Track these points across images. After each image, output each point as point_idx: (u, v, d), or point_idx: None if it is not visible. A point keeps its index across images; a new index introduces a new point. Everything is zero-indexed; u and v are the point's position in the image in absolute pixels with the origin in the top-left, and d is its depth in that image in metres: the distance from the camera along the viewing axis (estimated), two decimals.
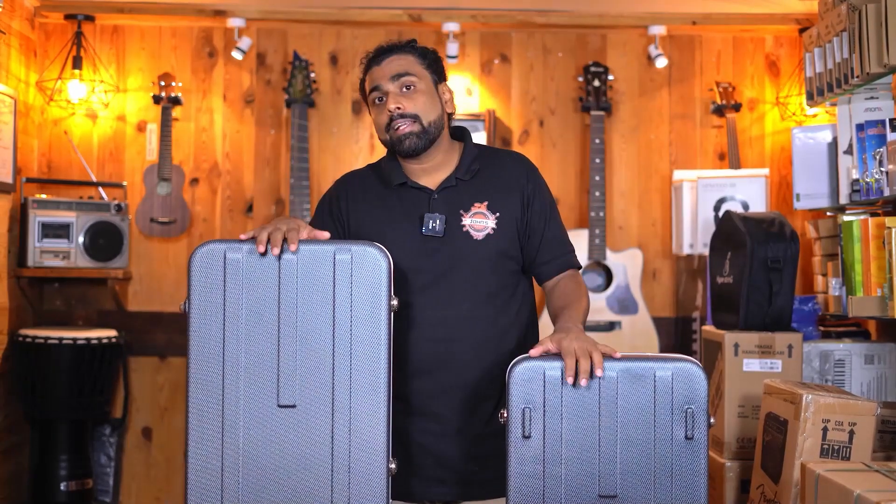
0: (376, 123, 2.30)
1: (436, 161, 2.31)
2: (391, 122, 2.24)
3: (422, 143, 2.25)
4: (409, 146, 2.24)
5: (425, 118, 2.25)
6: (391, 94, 2.25)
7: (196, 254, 1.98)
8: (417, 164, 2.30)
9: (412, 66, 2.28)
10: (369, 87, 2.29)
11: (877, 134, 3.27)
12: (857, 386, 3.45)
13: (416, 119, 2.24)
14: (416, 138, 2.24)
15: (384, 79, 2.26)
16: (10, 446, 4.27)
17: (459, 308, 2.24)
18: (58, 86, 4.52)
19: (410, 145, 2.24)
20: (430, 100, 2.27)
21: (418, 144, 2.24)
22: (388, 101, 2.24)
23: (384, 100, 2.26)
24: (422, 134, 2.24)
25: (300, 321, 1.96)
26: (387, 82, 2.25)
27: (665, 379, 1.91)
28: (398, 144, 2.25)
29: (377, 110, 2.28)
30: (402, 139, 2.23)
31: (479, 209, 2.27)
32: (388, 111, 2.24)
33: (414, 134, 2.24)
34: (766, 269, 3.35)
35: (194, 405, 1.95)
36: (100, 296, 4.62)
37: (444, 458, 2.23)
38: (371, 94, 2.29)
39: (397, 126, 2.23)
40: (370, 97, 2.30)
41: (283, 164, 4.67)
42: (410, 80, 2.26)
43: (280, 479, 1.95)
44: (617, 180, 4.72)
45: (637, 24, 4.64)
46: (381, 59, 2.28)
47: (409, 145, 2.24)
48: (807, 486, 2.40)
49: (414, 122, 2.24)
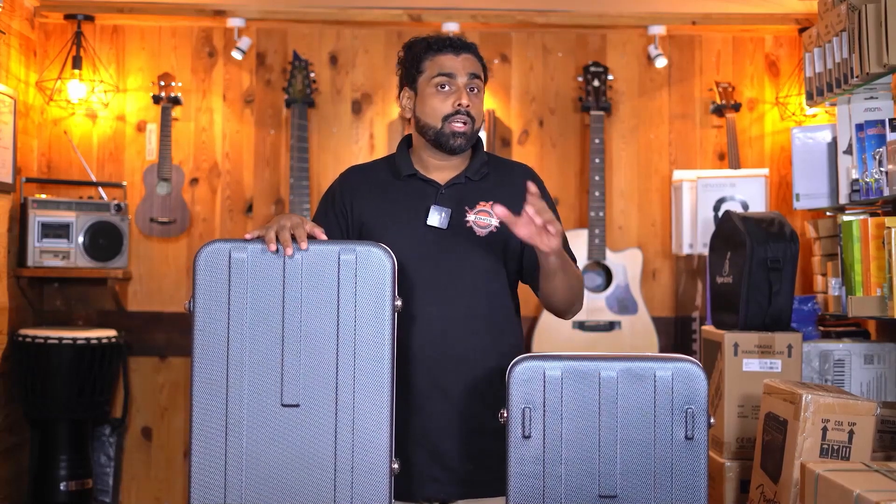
0: (432, 108, 2.29)
1: (452, 161, 2.35)
2: (455, 114, 2.27)
3: (467, 145, 2.31)
4: (459, 144, 2.28)
5: (477, 124, 2.32)
6: (463, 89, 2.27)
7: (201, 253, 1.99)
8: (435, 160, 2.33)
9: (480, 70, 2.34)
10: (437, 71, 2.29)
11: (876, 134, 3.27)
12: (857, 386, 3.45)
13: (472, 122, 2.29)
14: (467, 140, 2.29)
15: (461, 72, 2.29)
16: (10, 446, 4.27)
17: (459, 304, 2.25)
18: (58, 86, 4.52)
19: (461, 144, 2.28)
20: (482, 108, 2.34)
21: (465, 145, 2.30)
22: (462, 96, 2.26)
23: (450, 89, 2.28)
24: (471, 137, 2.30)
25: (304, 321, 1.97)
26: (462, 76, 2.29)
27: (665, 379, 1.91)
28: (450, 137, 2.27)
29: (438, 96, 2.29)
30: (458, 135, 2.27)
31: (483, 207, 2.30)
32: (459, 104, 2.26)
33: (466, 135, 2.28)
34: (765, 269, 3.35)
35: (198, 404, 1.96)
36: (100, 296, 4.62)
37: (442, 457, 2.23)
38: (437, 78, 2.29)
39: (458, 121, 2.27)
40: (434, 80, 2.29)
41: (283, 163, 4.67)
42: (479, 83, 2.32)
43: (283, 477, 1.95)
44: (617, 180, 4.72)
45: (637, 24, 4.65)
46: (459, 52, 2.31)
47: (460, 143, 2.28)
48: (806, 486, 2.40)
49: (471, 123, 2.29)
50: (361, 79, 4.72)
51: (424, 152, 2.34)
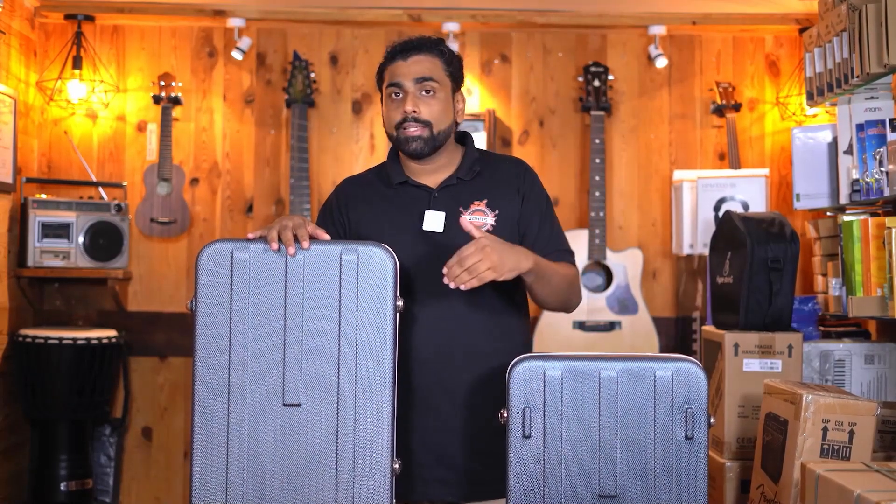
0: (387, 118, 2.30)
1: (438, 163, 2.34)
2: (403, 121, 2.26)
3: (427, 149, 2.27)
4: (414, 148, 2.26)
5: (437, 126, 2.28)
6: (410, 95, 2.26)
7: (203, 253, 1.99)
8: (420, 165, 2.33)
9: (436, 70, 2.29)
10: (388, 81, 2.30)
11: (877, 134, 3.27)
12: (857, 386, 3.45)
13: (427, 125, 2.26)
14: (423, 143, 2.26)
15: (406, 77, 2.27)
16: (10, 446, 4.27)
17: (459, 305, 2.24)
18: (58, 86, 4.52)
19: (417, 148, 2.26)
20: (445, 108, 2.30)
21: (424, 149, 2.27)
22: (406, 102, 2.25)
23: (401, 97, 2.27)
24: (429, 140, 2.27)
25: (306, 321, 1.97)
26: (408, 82, 2.27)
27: (665, 379, 1.91)
28: (404, 144, 2.27)
29: (392, 105, 2.29)
30: (410, 141, 2.26)
31: (478, 206, 2.29)
32: (404, 111, 2.25)
33: (422, 139, 2.26)
34: (766, 269, 3.35)
35: (200, 403, 1.96)
36: (100, 296, 4.62)
37: (446, 458, 2.23)
38: (388, 88, 2.29)
39: (408, 128, 2.25)
40: (387, 90, 2.30)
41: (283, 164, 4.67)
42: (432, 85, 2.28)
43: (284, 477, 1.95)
44: (617, 180, 4.72)
45: (637, 24, 4.65)
46: (408, 56, 2.28)
47: (415, 147, 2.26)
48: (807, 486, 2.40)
49: (425, 127, 2.26)
50: (361, 79, 4.72)
51: (405, 161, 2.35)
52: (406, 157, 2.33)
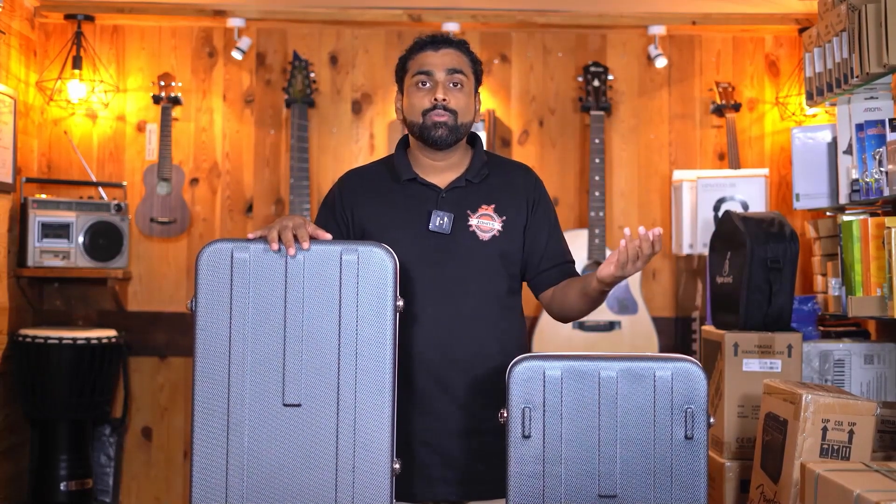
0: (412, 105, 2.31)
1: (450, 161, 2.34)
2: (433, 108, 2.27)
3: (451, 138, 2.29)
4: (440, 135, 2.28)
5: (461, 118, 2.30)
6: (441, 84, 2.28)
7: (203, 252, 1.99)
8: (432, 160, 2.33)
9: (465, 65, 2.34)
10: (416, 69, 2.32)
11: (876, 134, 3.27)
12: (857, 386, 3.45)
13: (454, 115, 2.28)
14: (448, 131, 2.28)
15: (438, 67, 2.30)
16: (10, 446, 4.27)
17: (462, 306, 2.25)
18: (58, 86, 4.52)
19: (442, 135, 2.28)
20: (470, 102, 2.33)
21: (448, 137, 2.29)
22: (438, 90, 2.27)
23: (430, 85, 2.29)
24: (454, 129, 2.29)
25: (306, 321, 1.97)
26: (440, 72, 2.29)
27: (665, 379, 1.91)
28: (431, 129, 2.28)
29: (418, 94, 2.30)
30: (437, 126, 2.27)
31: (486, 211, 2.30)
32: (435, 99, 2.27)
33: (448, 126, 2.28)
34: (765, 269, 3.35)
35: (200, 403, 1.96)
36: (100, 296, 4.62)
37: (449, 458, 2.23)
38: (416, 76, 2.31)
39: (437, 114, 2.27)
40: (414, 79, 2.32)
41: (283, 164, 4.67)
42: (461, 78, 2.31)
43: (284, 477, 1.95)
44: (617, 180, 4.72)
45: (637, 24, 4.65)
46: (439, 48, 2.32)
47: (440, 134, 2.28)
48: (806, 485, 2.40)
49: (452, 116, 2.28)
50: (361, 79, 4.72)
51: (419, 152, 2.35)
52: (419, 152, 2.34)
